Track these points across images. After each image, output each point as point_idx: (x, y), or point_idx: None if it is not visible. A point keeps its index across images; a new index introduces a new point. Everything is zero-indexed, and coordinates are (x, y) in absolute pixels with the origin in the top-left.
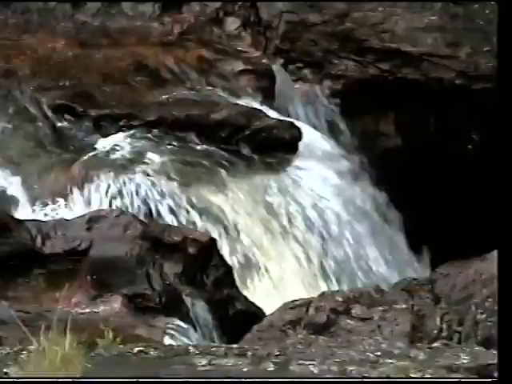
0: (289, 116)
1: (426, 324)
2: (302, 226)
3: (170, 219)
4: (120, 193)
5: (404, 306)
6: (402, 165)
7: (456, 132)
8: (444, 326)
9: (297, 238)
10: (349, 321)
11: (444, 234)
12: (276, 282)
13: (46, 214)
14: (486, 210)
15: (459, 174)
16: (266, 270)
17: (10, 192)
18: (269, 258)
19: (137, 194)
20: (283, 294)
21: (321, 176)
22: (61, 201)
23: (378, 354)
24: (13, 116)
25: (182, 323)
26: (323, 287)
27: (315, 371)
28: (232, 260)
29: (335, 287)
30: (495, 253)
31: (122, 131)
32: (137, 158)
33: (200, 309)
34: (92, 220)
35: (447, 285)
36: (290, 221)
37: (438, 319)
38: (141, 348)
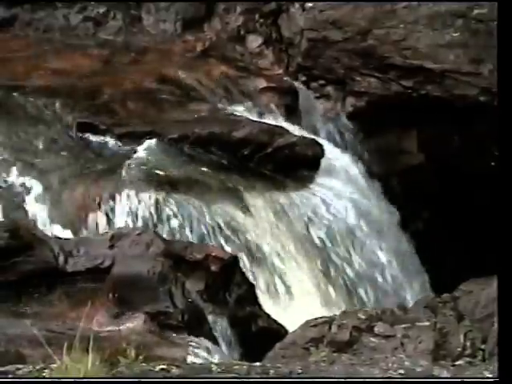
0: (311, 133)
1: (449, 341)
2: (324, 242)
3: (192, 237)
4: (142, 210)
5: (427, 323)
6: (424, 182)
7: (479, 149)
8: (468, 343)
9: (319, 255)
10: (372, 338)
11: (467, 249)
12: (299, 299)
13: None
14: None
15: (483, 190)
16: (290, 286)
17: (34, 210)
18: (291, 275)
19: (158, 211)
20: (305, 311)
21: (343, 193)
22: (84, 219)
23: (402, 371)
24: (38, 133)
25: (204, 341)
26: (344, 305)
27: None
28: (254, 278)
29: (356, 305)
30: None
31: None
32: (158, 176)
33: (222, 326)
34: (114, 238)
35: (470, 302)
36: (312, 237)
37: (461, 337)
38: (163, 366)
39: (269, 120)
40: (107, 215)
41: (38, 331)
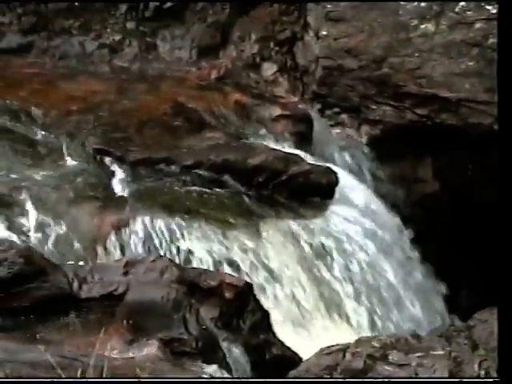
0: (326, 161)
1: (463, 371)
2: (338, 272)
3: (206, 264)
4: (156, 237)
5: (441, 352)
6: (439, 210)
7: (494, 177)
8: (482, 372)
9: (332, 285)
10: (386, 367)
11: (483, 279)
12: (312, 328)
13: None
14: None
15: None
16: (302, 316)
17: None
18: (304, 303)
19: (172, 238)
20: (317, 339)
21: (357, 222)
22: (98, 245)
23: None
24: (50, 161)
25: (218, 368)
26: (356, 333)
27: None
28: (267, 305)
29: (369, 333)
30: None
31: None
32: (172, 202)
33: (236, 353)
34: (128, 264)
35: (485, 331)
36: (326, 266)
37: (476, 366)
38: None
39: (283, 147)
40: (121, 241)
41: (51, 357)
